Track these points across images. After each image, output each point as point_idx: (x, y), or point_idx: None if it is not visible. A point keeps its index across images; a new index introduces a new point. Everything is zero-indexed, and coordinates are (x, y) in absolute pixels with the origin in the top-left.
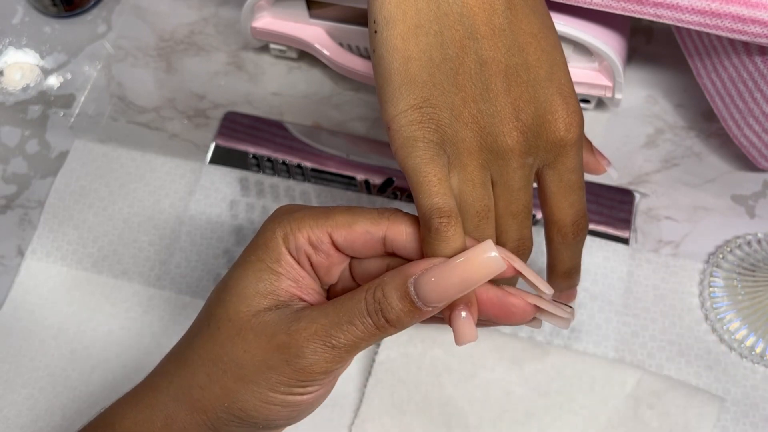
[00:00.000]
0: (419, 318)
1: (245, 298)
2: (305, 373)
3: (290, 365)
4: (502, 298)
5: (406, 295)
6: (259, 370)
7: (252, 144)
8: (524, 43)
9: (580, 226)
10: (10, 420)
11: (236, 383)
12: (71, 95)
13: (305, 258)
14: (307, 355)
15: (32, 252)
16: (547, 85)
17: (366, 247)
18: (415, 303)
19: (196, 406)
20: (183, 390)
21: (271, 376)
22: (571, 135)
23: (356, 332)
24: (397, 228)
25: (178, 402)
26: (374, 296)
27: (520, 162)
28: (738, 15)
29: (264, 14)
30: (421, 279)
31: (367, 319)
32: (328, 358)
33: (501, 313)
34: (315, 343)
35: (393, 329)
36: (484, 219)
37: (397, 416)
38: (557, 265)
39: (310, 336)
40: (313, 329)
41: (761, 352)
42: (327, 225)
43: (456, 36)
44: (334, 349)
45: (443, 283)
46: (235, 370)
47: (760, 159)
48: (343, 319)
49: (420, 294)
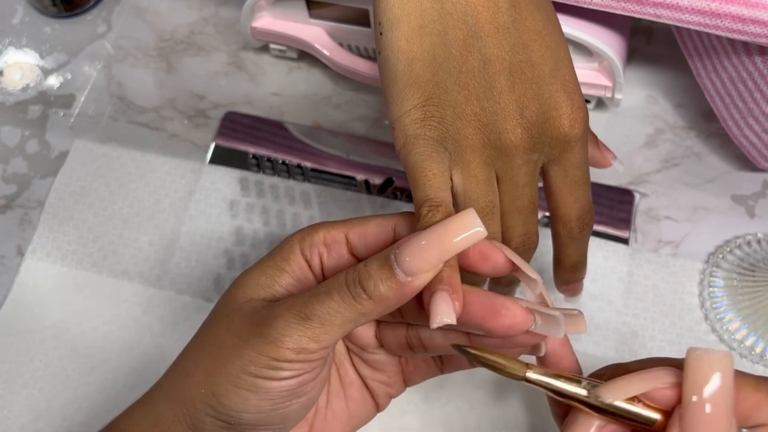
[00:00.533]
0: (399, 292)
1: (244, 287)
2: (276, 346)
3: (263, 337)
4: (492, 299)
5: (385, 261)
6: (236, 347)
7: (252, 144)
8: (528, 40)
9: (585, 221)
10: (10, 420)
11: (214, 364)
12: (71, 95)
13: (317, 259)
14: (279, 324)
15: (32, 252)
16: (551, 82)
17: (377, 240)
18: (394, 270)
19: (179, 398)
20: (172, 383)
21: (244, 352)
22: (575, 131)
23: (331, 303)
24: (405, 219)
25: (167, 398)
26: (356, 268)
27: (524, 158)
28: (738, 15)
29: (264, 14)
30: (401, 247)
31: (344, 288)
32: (300, 330)
33: (490, 316)
34: (289, 312)
35: (370, 303)
36: (488, 215)
37: (398, 416)
38: (563, 259)
39: (287, 307)
40: (291, 302)
41: (761, 352)
42: (344, 226)
43: (460, 35)
44: (307, 321)
45: (421, 247)
46: (215, 351)
47: (760, 159)
48: (321, 290)
49: (399, 260)
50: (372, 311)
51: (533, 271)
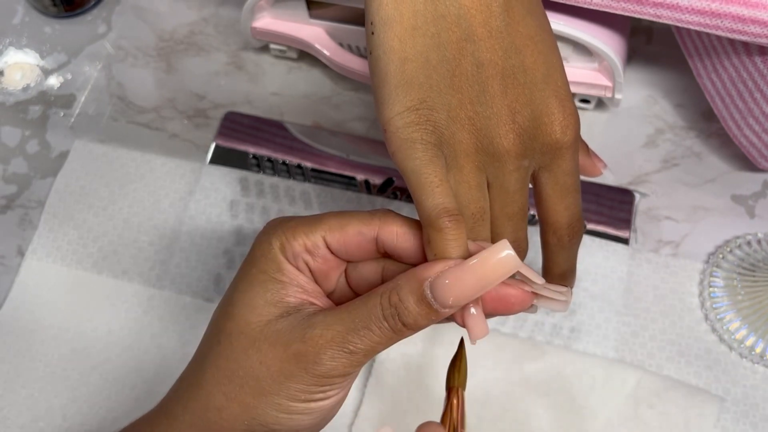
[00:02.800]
0: (436, 320)
1: (254, 308)
2: (324, 378)
3: (308, 372)
4: (500, 290)
5: (422, 298)
6: (277, 381)
7: (252, 144)
8: (521, 46)
9: (575, 229)
10: (10, 420)
11: (255, 398)
12: (71, 95)
13: (304, 265)
14: (325, 361)
15: (32, 252)
16: (543, 88)
17: (360, 248)
18: (432, 305)
19: (213, 429)
20: (198, 415)
21: (290, 385)
22: (567, 138)
23: (373, 337)
24: (388, 228)
25: (195, 428)
26: (390, 301)
27: (516, 164)
28: (738, 15)
29: (264, 14)
30: (437, 282)
31: (383, 323)
32: (346, 363)
33: (501, 306)
34: (332, 349)
35: (410, 332)
36: (479, 221)
37: (397, 416)
38: (553, 268)
39: (327, 343)
40: (330, 336)
41: (761, 352)
42: (320, 229)
43: (453, 38)
44: (352, 355)
45: (460, 285)
46: (252, 384)
47: (760, 159)
48: (359, 324)
49: (437, 296)
50: (409, 335)
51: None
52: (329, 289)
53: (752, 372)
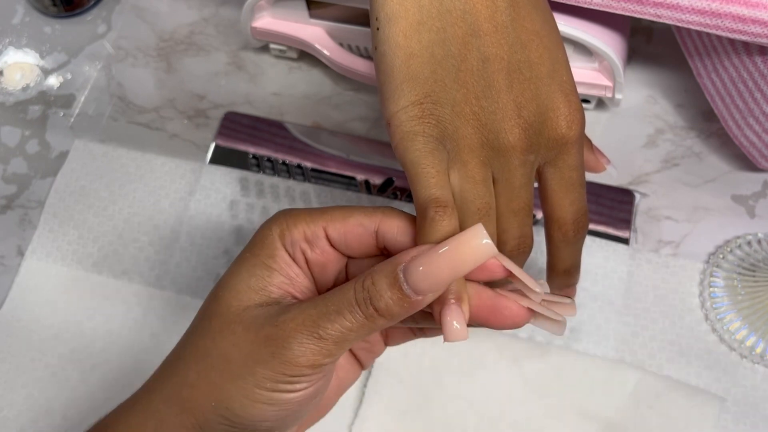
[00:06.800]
0: (409, 308)
1: (237, 292)
2: (291, 365)
3: (276, 357)
4: (494, 299)
5: (395, 282)
6: (246, 364)
7: (252, 144)
8: (527, 41)
9: (580, 224)
10: (10, 420)
11: (223, 378)
12: (71, 95)
13: (300, 254)
14: (293, 346)
15: (32, 252)
16: (549, 83)
17: (360, 242)
18: (405, 291)
19: (185, 406)
20: (174, 390)
21: (257, 370)
22: (572, 132)
23: (344, 322)
24: (389, 221)
25: (169, 404)
26: (363, 285)
27: (521, 159)
28: (738, 15)
29: (264, 14)
30: (410, 265)
31: (355, 308)
32: (315, 349)
33: (492, 316)
34: (301, 333)
35: (382, 320)
36: (484, 216)
37: (397, 416)
38: (557, 264)
39: (297, 326)
40: (301, 320)
41: (761, 352)
42: (322, 219)
43: (458, 33)
44: (321, 340)
45: (433, 268)
46: (222, 365)
47: (760, 159)
48: (331, 308)
49: (410, 281)
50: (383, 325)
51: (535, 282)
52: (327, 284)
53: (752, 372)
